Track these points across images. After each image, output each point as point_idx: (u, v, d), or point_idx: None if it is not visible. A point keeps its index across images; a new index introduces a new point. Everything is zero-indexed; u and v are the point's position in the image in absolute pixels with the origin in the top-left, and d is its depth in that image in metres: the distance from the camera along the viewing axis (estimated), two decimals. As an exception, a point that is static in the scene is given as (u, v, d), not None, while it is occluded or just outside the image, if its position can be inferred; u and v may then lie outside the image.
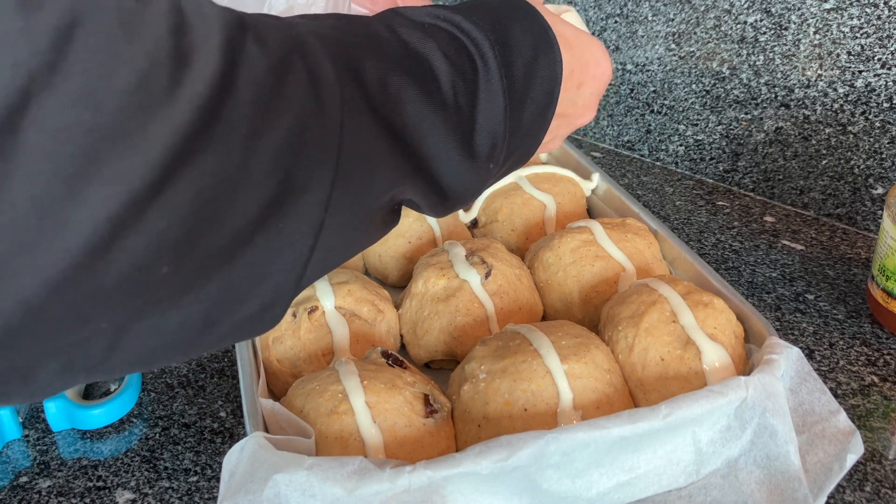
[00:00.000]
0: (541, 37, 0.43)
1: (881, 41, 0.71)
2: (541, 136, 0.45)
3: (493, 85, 0.39)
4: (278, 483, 0.40)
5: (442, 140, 0.37)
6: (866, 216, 0.78)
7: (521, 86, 0.41)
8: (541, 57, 0.43)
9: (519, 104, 0.41)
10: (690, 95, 0.88)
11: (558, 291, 0.63)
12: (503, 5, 0.44)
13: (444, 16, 0.40)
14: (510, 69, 0.41)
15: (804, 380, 0.48)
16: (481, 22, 0.41)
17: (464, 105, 0.38)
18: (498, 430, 0.47)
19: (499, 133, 0.40)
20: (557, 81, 0.44)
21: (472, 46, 0.40)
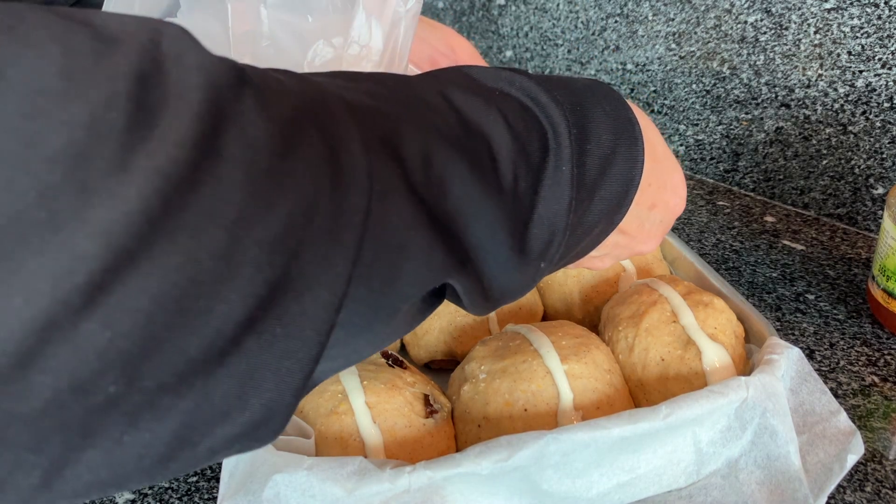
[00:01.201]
0: (625, 129, 0.38)
1: (881, 41, 0.71)
2: (599, 240, 0.39)
3: (562, 173, 0.34)
4: (278, 483, 0.40)
5: (490, 229, 0.32)
6: (867, 216, 0.78)
7: (593, 179, 0.36)
8: (621, 151, 0.37)
9: (586, 200, 0.36)
10: (691, 95, 0.88)
11: (558, 291, 0.63)
12: (587, 86, 0.39)
13: (520, 83, 0.35)
14: (583, 157, 0.35)
15: (805, 380, 0.48)
16: (561, 97, 0.36)
17: (523, 191, 0.33)
18: (498, 430, 0.47)
19: (558, 229, 0.34)
20: (634, 183, 0.38)
21: (546, 124, 0.34)
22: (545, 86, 0.35)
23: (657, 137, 0.43)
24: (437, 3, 1.17)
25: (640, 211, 0.42)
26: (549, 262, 0.35)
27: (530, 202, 0.33)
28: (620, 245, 0.43)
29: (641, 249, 0.45)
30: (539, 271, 0.35)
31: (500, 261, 0.32)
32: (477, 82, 0.34)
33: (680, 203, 0.45)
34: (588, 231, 0.37)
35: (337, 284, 0.25)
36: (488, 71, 0.35)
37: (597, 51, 0.96)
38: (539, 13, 1.01)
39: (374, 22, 0.42)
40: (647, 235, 0.44)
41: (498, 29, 1.09)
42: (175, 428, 0.23)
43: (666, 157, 0.43)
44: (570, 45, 0.99)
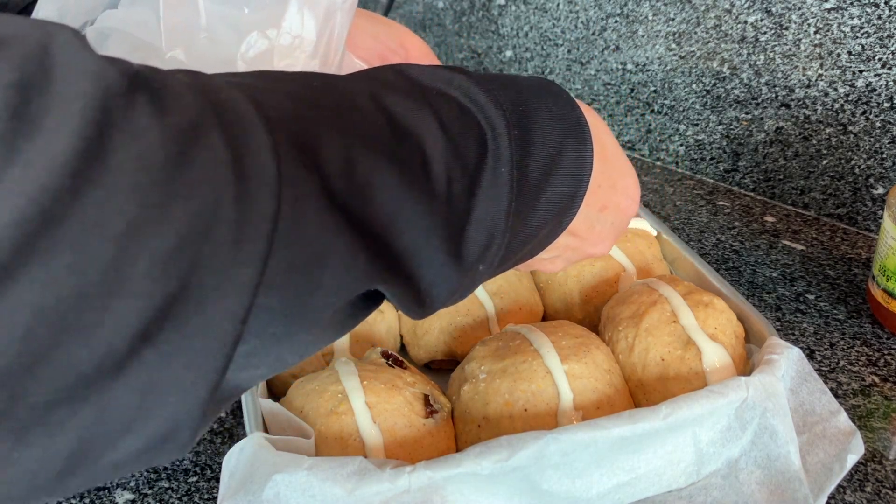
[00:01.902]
0: (572, 130, 0.37)
1: (882, 41, 0.71)
2: (543, 247, 0.39)
3: (500, 175, 0.33)
4: (278, 483, 0.40)
5: (424, 235, 0.31)
6: (867, 216, 0.78)
7: (537, 181, 0.35)
8: (567, 153, 0.37)
9: (529, 202, 0.35)
10: (691, 95, 0.88)
11: (558, 291, 0.63)
12: (534, 84, 0.38)
13: (458, 83, 0.34)
14: (525, 159, 0.35)
15: (805, 380, 0.48)
16: (502, 97, 0.35)
17: (459, 194, 0.32)
18: (498, 430, 0.47)
19: (497, 232, 0.33)
20: (583, 185, 0.38)
21: (485, 124, 0.33)
22: (486, 86, 0.35)
23: (609, 139, 0.42)
24: (437, 3, 1.17)
25: (591, 213, 0.41)
26: (488, 266, 0.34)
27: (466, 205, 0.32)
28: (571, 247, 0.43)
29: (593, 252, 0.45)
30: (478, 275, 0.34)
31: (435, 266, 0.32)
32: (413, 82, 0.33)
33: (632, 205, 0.45)
34: (534, 233, 0.36)
35: (242, 294, 0.24)
36: (426, 70, 0.34)
37: (597, 51, 0.96)
38: (539, 13, 1.01)
39: (306, 12, 0.42)
40: (599, 238, 0.44)
41: (498, 29, 1.09)
42: (71, 443, 0.22)
43: (617, 158, 0.43)
44: (570, 45, 0.99)
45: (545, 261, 0.44)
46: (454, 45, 1.17)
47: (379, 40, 0.52)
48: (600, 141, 0.40)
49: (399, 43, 0.53)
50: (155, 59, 0.39)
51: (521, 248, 0.36)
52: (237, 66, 0.41)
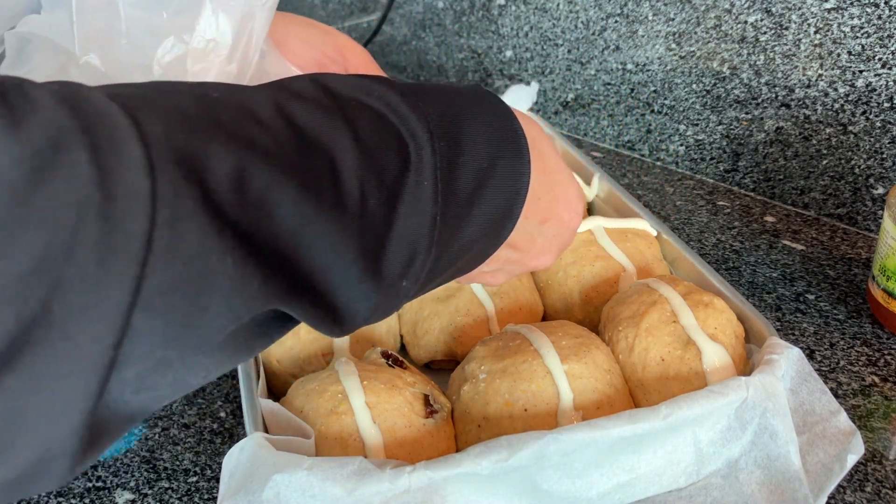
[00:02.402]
0: (508, 141, 0.36)
1: (882, 41, 0.71)
2: (481, 260, 0.38)
3: (423, 187, 0.32)
4: (278, 483, 0.40)
5: (335, 252, 0.29)
6: (867, 216, 0.78)
7: (467, 194, 0.34)
8: (502, 164, 0.36)
9: (460, 215, 0.34)
10: (691, 95, 0.88)
11: (558, 291, 0.63)
12: (466, 96, 0.37)
13: (379, 93, 0.33)
14: (454, 171, 0.33)
15: (805, 380, 0.48)
16: (428, 107, 0.34)
17: (375, 208, 0.31)
18: (498, 430, 0.47)
19: (421, 247, 0.32)
20: (520, 197, 0.37)
21: (407, 136, 0.32)
22: (410, 96, 0.33)
23: (549, 150, 0.42)
24: (437, 3, 1.17)
25: (531, 225, 0.40)
26: (414, 281, 0.33)
27: (385, 219, 0.31)
28: (512, 260, 0.42)
29: (535, 265, 0.44)
30: (402, 290, 0.33)
31: (351, 283, 0.30)
32: (329, 92, 0.32)
33: (575, 217, 0.44)
34: (468, 246, 0.36)
35: (112, 317, 0.23)
36: (346, 80, 0.33)
37: (597, 51, 0.96)
38: (539, 13, 1.01)
39: (221, 15, 0.41)
40: (541, 250, 0.43)
41: (498, 29, 1.09)
42: None
43: (558, 170, 0.42)
44: (570, 45, 0.99)
45: (486, 274, 0.43)
46: (454, 45, 1.17)
47: (316, 48, 0.51)
48: (540, 153, 0.40)
49: (338, 51, 0.52)
50: (72, 65, 0.38)
51: (455, 261, 0.36)
52: (153, 72, 0.41)
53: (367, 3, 1.30)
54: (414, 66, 1.27)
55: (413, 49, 1.25)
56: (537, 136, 0.41)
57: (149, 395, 0.27)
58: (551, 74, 1.04)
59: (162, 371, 0.26)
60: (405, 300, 0.34)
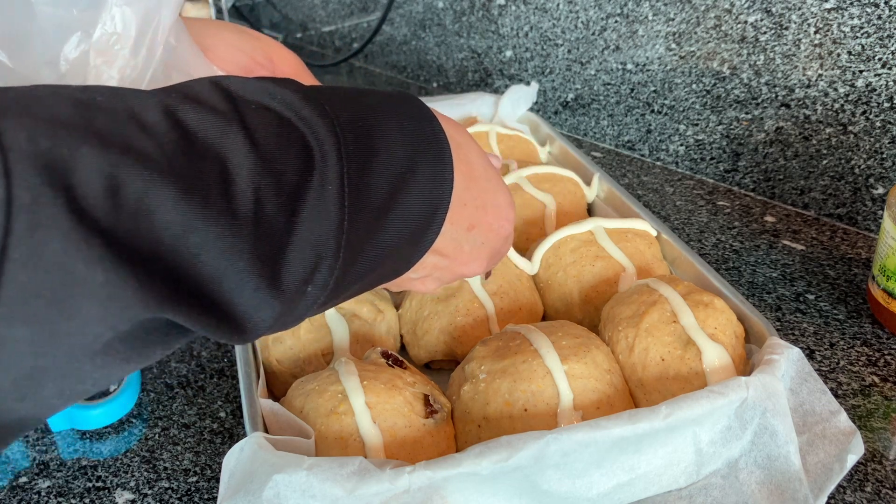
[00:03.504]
0: (428, 147, 0.36)
1: (882, 41, 0.71)
2: (405, 266, 0.38)
3: (328, 192, 0.31)
4: (278, 483, 0.40)
5: (225, 259, 0.29)
6: (867, 216, 0.78)
7: (383, 199, 0.34)
8: (422, 169, 0.35)
9: (375, 221, 0.34)
10: (691, 95, 0.88)
11: (558, 291, 0.63)
12: (384, 101, 0.36)
13: (282, 96, 0.32)
14: (365, 176, 0.33)
15: (805, 380, 0.48)
16: (338, 111, 0.33)
17: (272, 215, 0.30)
18: (498, 430, 0.47)
19: (326, 253, 0.32)
20: (442, 203, 0.37)
21: (312, 140, 0.31)
22: (317, 99, 0.33)
23: (477, 156, 0.41)
24: (437, 3, 1.17)
25: (457, 232, 0.40)
26: (321, 287, 0.32)
27: (285, 225, 0.30)
28: (440, 267, 0.42)
29: (465, 272, 0.44)
30: (309, 297, 0.32)
31: (246, 290, 0.29)
32: (228, 95, 0.31)
33: (505, 224, 0.44)
34: (386, 253, 0.35)
35: None
36: (249, 83, 0.32)
37: (597, 51, 0.96)
38: (539, 13, 1.01)
39: (126, 9, 0.41)
40: (469, 258, 0.43)
41: (498, 29, 1.09)
42: None
43: (487, 177, 0.42)
44: (570, 45, 0.99)
45: (415, 280, 0.43)
46: (454, 45, 1.17)
47: (245, 53, 0.51)
48: (466, 159, 0.40)
49: (266, 56, 0.51)
50: None
51: (374, 266, 0.35)
52: (60, 68, 0.40)
53: (367, 3, 1.30)
54: (414, 66, 1.27)
55: (413, 49, 1.25)
56: (465, 142, 0.40)
57: (34, 403, 0.27)
58: (551, 74, 1.04)
59: (39, 379, 0.26)
60: (319, 307, 0.34)
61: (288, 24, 1.49)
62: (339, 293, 0.35)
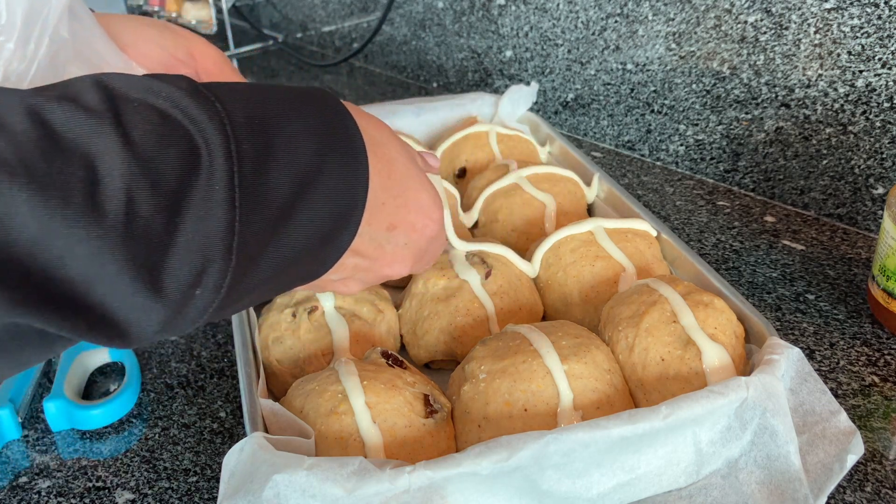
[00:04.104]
0: (339, 144, 0.35)
1: (882, 41, 0.71)
2: (321, 268, 0.37)
3: (214, 193, 0.30)
4: (278, 483, 0.40)
5: (94, 263, 0.27)
6: (867, 216, 0.78)
7: (285, 199, 0.32)
8: (331, 168, 0.34)
9: (274, 221, 0.32)
10: (691, 95, 0.88)
11: (558, 291, 0.63)
12: (290, 95, 0.35)
13: (168, 93, 0.31)
14: (262, 175, 0.32)
15: (805, 380, 0.48)
16: (231, 108, 0.32)
17: (149, 216, 0.28)
18: (498, 430, 0.47)
19: (214, 256, 0.30)
20: (357, 203, 0.36)
21: (198, 138, 0.30)
22: (205, 97, 0.31)
23: (399, 154, 0.40)
24: (437, 3, 1.17)
25: (376, 232, 0.39)
26: (213, 290, 0.31)
27: (165, 227, 0.29)
28: (361, 268, 0.41)
29: (389, 273, 0.43)
30: (199, 301, 0.31)
31: (123, 295, 0.28)
32: (110, 94, 0.30)
33: (430, 224, 0.43)
34: (295, 254, 0.34)
35: None
36: (134, 81, 0.31)
37: (597, 51, 0.96)
38: (539, 13, 1.01)
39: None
40: (392, 258, 0.42)
41: (498, 29, 1.09)
42: None
43: (409, 175, 0.41)
44: (570, 45, 0.99)
45: (336, 282, 0.42)
46: (454, 45, 1.17)
47: (165, 49, 0.50)
48: (386, 157, 0.39)
49: (188, 52, 0.51)
50: None
51: (282, 267, 0.34)
52: None
53: (367, 3, 1.30)
54: (414, 66, 1.27)
55: (413, 49, 1.25)
56: (385, 140, 0.39)
57: None
58: (551, 74, 1.04)
59: None
60: (217, 311, 0.32)
61: (288, 24, 1.49)
62: (241, 296, 0.33)
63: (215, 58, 0.52)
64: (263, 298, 0.36)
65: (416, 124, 0.91)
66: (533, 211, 0.71)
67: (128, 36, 0.48)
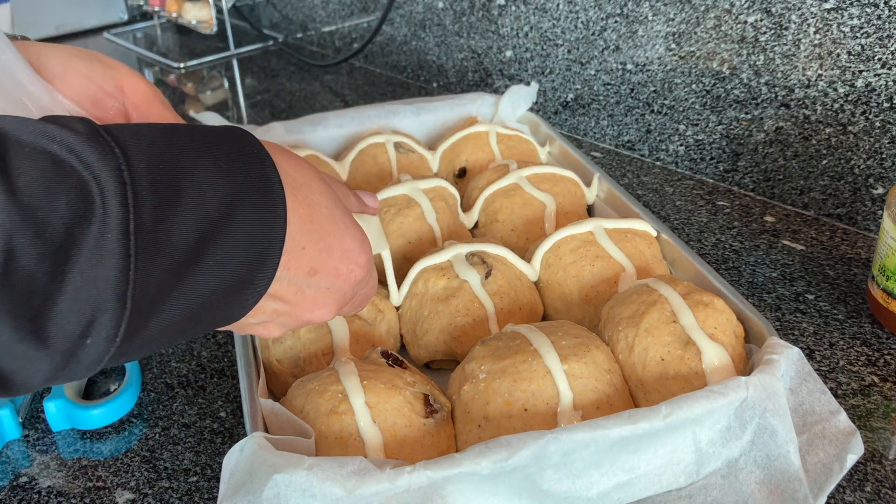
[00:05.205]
0: (254, 189, 0.34)
1: (881, 41, 0.71)
2: (237, 312, 0.37)
3: (106, 242, 0.29)
4: (278, 483, 0.40)
5: None
6: (866, 216, 0.78)
7: (190, 246, 0.32)
8: (243, 214, 0.34)
9: (177, 268, 0.32)
10: (690, 95, 0.88)
11: (558, 291, 0.63)
12: (205, 137, 0.34)
13: (62, 138, 0.30)
14: (164, 222, 0.31)
15: (804, 380, 0.48)
16: (132, 152, 0.31)
17: (30, 267, 0.28)
18: (498, 430, 0.47)
19: (105, 305, 0.30)
20: (272, 249, 0.35)
21: (93, 185, 0.29)
22: (104, 141, 0.31)
23: (322, 197, 0.40)
24: (437, 3, 1.17)
25: (296, 277, 0.39)
26: (107, 341, 0.31)
27: (49, 278, 0.28)
28: (281, 313, 0.40)
29: (310, 318, 0.42)
30: (91, 349, 0.30)
31: (5, 345, 0.28)
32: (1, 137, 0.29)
33: (356, 269, 0.42)
34: (206, 300, 0.34)
35: None
36: (27, 124, 0.30)
37: (597, 51, 0.96)
38: (539, 13, 1.01)
39: None
40: (314, 304, 0.41)
41: (498, 29, 1.09)
42: None
43: (332, 219, 0.40)
44: (570, 45, 0.99)
45: (255, 325, 0.42)
46: (454, 45, 1.17)
47: (93, 82, 0.49)
48: (307, 200, 0.38)
49: (116, 86, 0.50)
50: None
51: (189, 314, 0.34)
52: None
53: (367, 3, 1.30)
54: (414, 66, 1.27)
55: (413, 49, 1.25)
56: (307, 182, 0.39)
57: None
58: (551, 74, 1.04)
59: None
60: (115, 358, 0.32)
61: (288, 24, 1.49)
62: (146, 342, 0.33)
63: (145, 92, 0.51)
64: (179, 341, 0.35)
65: (416, 124, 0.91)
66: (533, 211, 0.71)
67: (55, 67, 0.47)
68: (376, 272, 0.47)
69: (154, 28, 1.63)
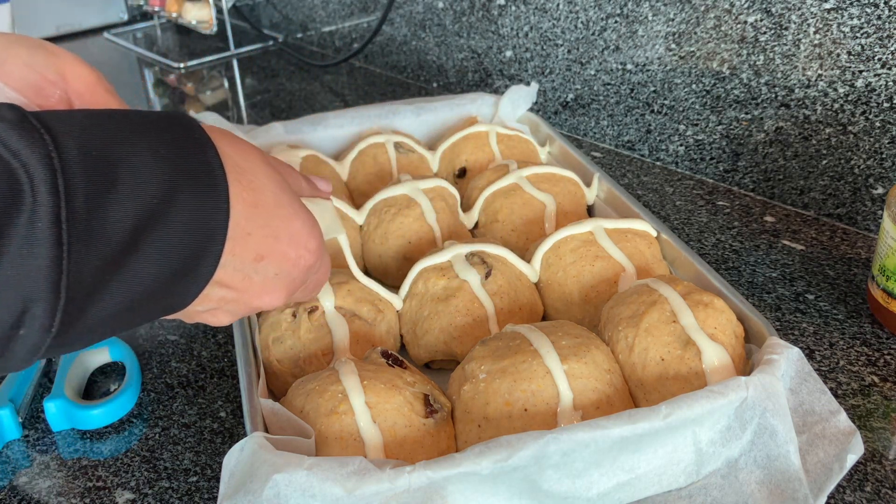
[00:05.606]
0: (193, 174, 0.34)
1: (881, 41, 0.71)
2: (182, 301, 0.36)
3: (36, 231, 0.29)
4: (278, 483, 0.40)
5: None
6: (866, 216, 0.78)
7: (127, 233, 0.31)
8: (183, 200, 0.33)
9: (114, 256, 0.31)
10: (690, 95, 0.88)
11: (558, 291, 0.63)
12: (142, 123, 0.34)
13: None
14: (98, 210, 0.30)
15: (804, 380, 0.48)
16: (63, 139, 0.30)
17: None
18: (498, 430, 0.47)
19: (37, 295, 0.29)
20: (214, 236, 0.35)
21: (21, 173, 0.29)
22: (34, 128, 0.30)
23: (268, 181, 0.39)
24: (437, 3, 1.17)
25: (242, 263, 0.38)
26: (41, 331, 0.30)
27: None
28: (229, 300, 0.40)
29: (259, 305, 0.41)
30: (24, 340, 0.30)
31: None
32: None
33: (305, 254, 0.42)
34: (146, 288, 0.33)
35: None
36: None
37: (597, 51, 0.96)
38: (539, 13, 1.01)
39: None
40: (262, 290, 0.40)
41: (498, 29, 1.09)
42: None
43: (279, 204, 0.40)
44: (570, 45, 0.99)
45: (203, 313, 0.41)
46: (454, 45, 1.17)
47: (35, 70, 0.48)
48: (252, 185, 0.38)
49: (58, 73, 0.49)
50: None
51: (130, 303, 0.33)
52: None
53: (367, 3, 1.30)
54: (414, 66, 1.27)
55: (413, 49, 1.25)
56: (252, 167, 0.38)
57: None
58: (551, 74, 1.04)
59: None
60: (52, 349, 0.32)
61: (288, 24, 1.49)
62: (85, 333, 0.33)
63: (87, 79, 0.50)
64: (122, 330, 0.35)
65: (416, 124, 0.91)
66: (533, 211, 0.71)
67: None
68: (329, 258, 0.47)
69: (154, 28, 1.64)
